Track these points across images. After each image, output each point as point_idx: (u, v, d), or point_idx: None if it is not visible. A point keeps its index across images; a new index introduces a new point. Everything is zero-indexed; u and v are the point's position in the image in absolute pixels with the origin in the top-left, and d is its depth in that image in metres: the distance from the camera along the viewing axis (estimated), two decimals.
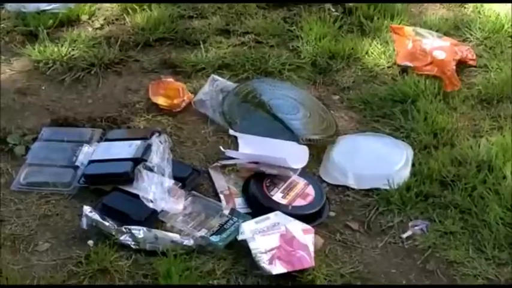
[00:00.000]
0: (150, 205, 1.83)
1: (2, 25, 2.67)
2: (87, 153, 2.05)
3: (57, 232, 1.84)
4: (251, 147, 2.06)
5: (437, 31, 2.66)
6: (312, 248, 1.75)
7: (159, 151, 1.98)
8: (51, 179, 1.97)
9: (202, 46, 2.57)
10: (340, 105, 2.40)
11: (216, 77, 2.39)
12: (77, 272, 1.71)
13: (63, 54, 2.49)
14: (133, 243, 1.76)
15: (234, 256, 1.77)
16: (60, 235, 1.83)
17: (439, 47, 2.52)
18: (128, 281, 1.69)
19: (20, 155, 2.08)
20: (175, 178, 1.94)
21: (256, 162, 2.00)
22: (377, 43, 2.64)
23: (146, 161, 1.94)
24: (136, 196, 1.87)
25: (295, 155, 2.03)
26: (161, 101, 2.27)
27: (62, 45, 2.54)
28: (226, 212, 1.89)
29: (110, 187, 1.93)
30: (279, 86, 2.37)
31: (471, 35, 2.67)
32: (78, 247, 1.78)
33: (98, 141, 2.12)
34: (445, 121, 2.26)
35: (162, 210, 1.84)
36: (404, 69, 2.53)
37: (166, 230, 1.83)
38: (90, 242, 1.78)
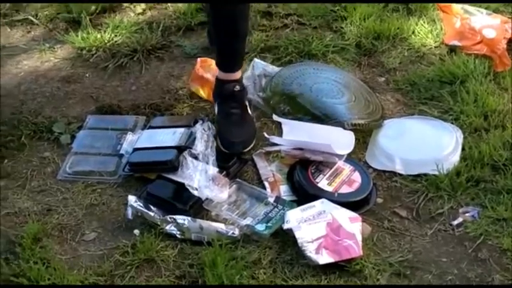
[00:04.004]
0: (195, 193, 1.81)
1: (45, 12, 2.69)
2: (131, 141, 2.05)
3: (104, 221, 1.84)
4: (295, 133, 2.03)
5: (486, 8, 2.57)
6: (359, 237, 1.72)
7: (203, 139, 1.96)
8: (97, 167, 1.98)
9: None
10: (386, 87, 2.34)
11: (259, 60, 2.36)
12: (123, 262, 1.71)
13: (106, 41, 2.50)
14: (178, 232, 1.75)
15: (280, 245, 1.75)
16: (107, 224, 1.83)
17: (488, 25, 2.43)
18: (174, 270, 1.69)
19: (65, 144, 2.09)
20: (219, 166, 1.92)
21: (301, 149, 1.97)
22: (424, 22, 2.57)
23: (191, 148, 1.92)
24: (181, 184, 1.85)
25: (341, 140, 1.99)
26: (200, 91, 2.24)
27: (105, 32, 2.54)
28: (271, 199, 1.87)
29: (154, 175, 1.93)
30: (323, 69, 2.32)
31: None
32: (124, 236, 1.78)
33: (142, 129, 2.11)
34: (496, 102, 2.19)
35: (207, 199, 1.83)
36: (452, 49, 2.46)
37: (211, 219, 1.82)
38: (136, 232, 1.78)
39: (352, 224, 1.73)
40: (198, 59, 2.29)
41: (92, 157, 2.02)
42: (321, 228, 1.72)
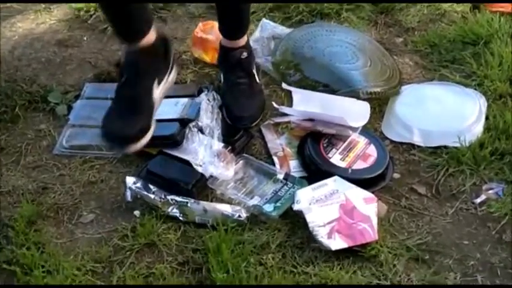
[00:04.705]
0: (199, 169, 1.70)
1: None
2: None
3: (102, 201, 1.73)
4: (306, 102, 1.89)
5: None
6: (375, 220, 1.60)
7: (208, 110, 1.83)
8: (95, 141, 1.86)
9: None
10: (404, 48, 2.19)
11: (267, 21, 2.21)
12: (123, 247, 1.60)
13: None
14: (181, 215, 1.64)
15: (289, 227, 1.64)
16: (105, 204, 1.72)
17: None
18: (177, 256, 1.58)
19: (62, 115, 1.97)
20: (225, 141, 1.79)
21: (312, 120, 1.84)
22: None
23: (196, 120, 1.80)
24: (183, 161, 1.74)
25: (355, 111, 1.85)
26: (203, 56, 2.10)
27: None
28: (281, 176, 1.75)
29: (156, 150, 1.81)
30: (336, 30, 2.16)
31: None
32: (123, 218, 1.68)
33: None
34: None
35: (211, 176, 1.71)
36: (475, 6, 2.29)
37: (216, 198, 1.70)
38: (137, 213, 1.67)
39: (367, 205, 1.61)
40: (200, 24, 2.14)
41: (89, 130, 1.90)
42: (334, 211, 1.60)
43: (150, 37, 1.68)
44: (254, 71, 1.96)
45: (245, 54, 1.91)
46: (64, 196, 1.75)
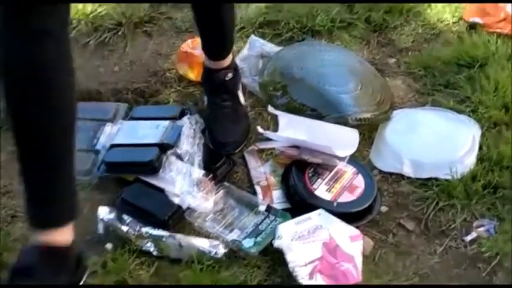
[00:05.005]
0: (176, 200, 1.62)
1: None
2: (109, 134, 1.84)
3: (74, 232, 1.64)
4: (293, 128, 1.81)
5: None
6: (359, 259, 1.52)
7: (190, 135, 1.75)
8: None
9: None
10: (397, 70, 2.11)
11: (256, 38, 2.12)
12: (90, 286, 1.52)
13: (88, 13, 2.26)
14: (155, 250, 1.56)
15: (269, 264, 1.56)
16: (77, 236, 1.63)
17: None
18: None
19: None
20: (206, 168, 1.71)
21: (298, 147, 1.76)
22: None
23: (174, 147, 1.72)
24: (160, 190, 1.66)
25: (343, 140, 1.77)
26: (188, 72, 2.01)
27: (87, 2, 2.29)
28: (263, 208, 1.67)
29: (132, 176, 1.73)
30: (327, 49, 2.08)
31: None
32: (95, 251, 1.59)
33: (123, 118, 1.90)
34: None
35: (189, 208, 1.63)
36: (472, 26, 2.20)
37: (193, 230, 1.62)
38: (109, 246, 1.59)
39: (352, 243, 1.53)
40: (189, 40, 2.06)
41: None
42: (316, 249, 1.52)
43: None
44: (239, 93, 1.88)
45: (230, 75, 1.83)
46: None
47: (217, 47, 1.81)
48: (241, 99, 1.89)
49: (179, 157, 1.71)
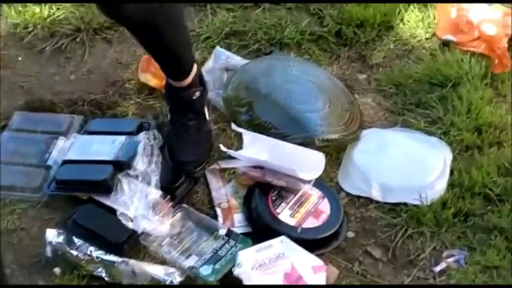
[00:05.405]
0: (130, 225, 1.52)
1: None
2: (62, 148, 1.74)
3: (21, 253, 1.54)
4: (257, 147, 1.72)
5: None
6: None
7: (146, 153, 1.65)
8: (19, 181, 1.68)
9: (209, 8, 2.19)
10: (367, 87, 2.03)
11: (222, 50, 2.03)
12: None
13: (45, 16, 2.14)
14: (107, 276, 1.46)
15: None
16: (24, 258, 1.53)
17: (488, 19, 2.11)
18: None
19: None
20: (164, 188, 1.61)
21: (262, 168, 1.67)
22: (414, 8, 2.23)
23: (129, 165, 1.61)
24: (114, 211, 1.55)
25: (309, 162, 1.68)
26: (150, 80, 1.91)
27: (45, 5, 2.17)
28: (223, 232, 1.58)
29: (86, 196, 1.62)
30: (296, 64, 2.00)
31: None
32: (42, 276, 1.49)
33: (78, 132, 1.80)
34: (492, 113, 1.89)
35: (143, 232, 1.53)
36: (445, 43, 2.14)
37: (149, 255, 1.52)
38: (57, 270, 1.49)
39: (315, 275, 1.45)
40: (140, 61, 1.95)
41: (14, 167, 1.71)
42: (277, 280, 1.43)
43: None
44: (205, 109, 1.78)
45: (197, 94, 1.73)
46: None
47: (173, 68, 1.70)
48: (206, 115, 1.80)
49: (135, 176, 1.60)
